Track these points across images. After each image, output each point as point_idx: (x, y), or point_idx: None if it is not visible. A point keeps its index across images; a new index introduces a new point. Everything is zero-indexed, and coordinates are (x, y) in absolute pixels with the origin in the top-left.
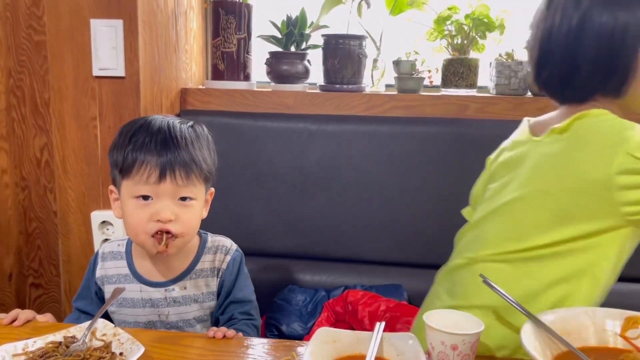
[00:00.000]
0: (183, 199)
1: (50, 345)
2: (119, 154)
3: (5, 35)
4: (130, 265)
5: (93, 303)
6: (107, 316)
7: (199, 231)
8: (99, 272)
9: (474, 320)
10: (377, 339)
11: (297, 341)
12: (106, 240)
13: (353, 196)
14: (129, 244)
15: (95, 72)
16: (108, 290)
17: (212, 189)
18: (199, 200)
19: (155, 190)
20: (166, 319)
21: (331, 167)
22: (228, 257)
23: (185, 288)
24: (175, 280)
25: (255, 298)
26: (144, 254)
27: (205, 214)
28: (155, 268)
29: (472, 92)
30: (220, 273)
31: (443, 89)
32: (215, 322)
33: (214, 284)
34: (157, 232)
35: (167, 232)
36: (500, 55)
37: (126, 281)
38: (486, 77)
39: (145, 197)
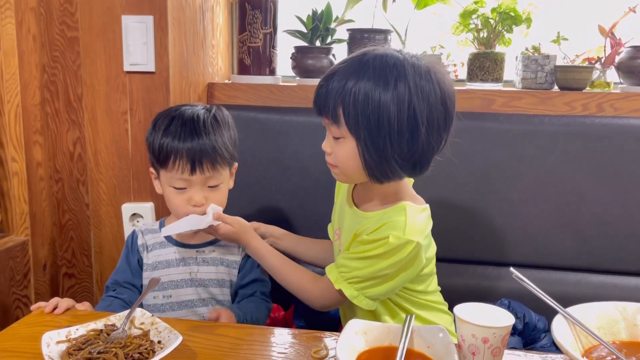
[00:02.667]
0: (214, 186)
1: (91, 332)
2: (155, 145)
3: (40, 31)
4: (167, 235)
5: (133, 275)
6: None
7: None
8: (140, 241)
9: (504, 313)
10: (408, 331)
11: (327, 332)
12: None
13: None
14: (161, 222)
15: (127, 67)
16: (148, 257)
17: (236, 164)
18: (225, 182)
19: (188, 181)
20: (196, 277)
21: None
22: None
23: (213, 252)
24: (206, 244)
25: None
26: None
27: (231, 184)
28: (189, 234)
29: (498, 86)
30: (244, 250)
31: (469, 83)
32: (235, 294)
33: (238, 255)
34: None
35: None
36: (526, 49)
37: (162, 247)
38: (512, 71)
39: (179, 188)
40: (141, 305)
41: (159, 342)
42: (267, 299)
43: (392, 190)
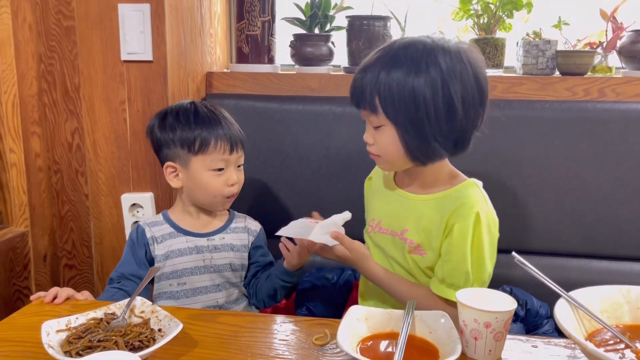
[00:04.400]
0: (239, 166)
1: (92, 321)
2: (187, 136)
3: (36, 20)
4: (174, 225)
5: (139, 267)
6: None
7: (230, 209)
8: (148, 234)
9: (506, 298)
10: (409, 317)
11: (329, 319)
12: (136, 222)
13: None
14: (164, 214)
15: (124, 56)
16: (158, 248)
17: None
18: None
19: (227, 161)
20: (210, 263)
21: (356, 149)
22: (258, 224)
23: (223, 238)
24: (215, 232)
25: None
26: (185, 214)
27: None
28: (200, 223)
29: (498, 72)
30: (255, 233)
31: None
32: (253, 276)
33: (246, 240)
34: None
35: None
36: (527, 35)
37: (171, 237)
38: (513, 57)
39: (220, 169)
40: (148, 296)
41: (160, 330)
42: None
43: (445, 170)
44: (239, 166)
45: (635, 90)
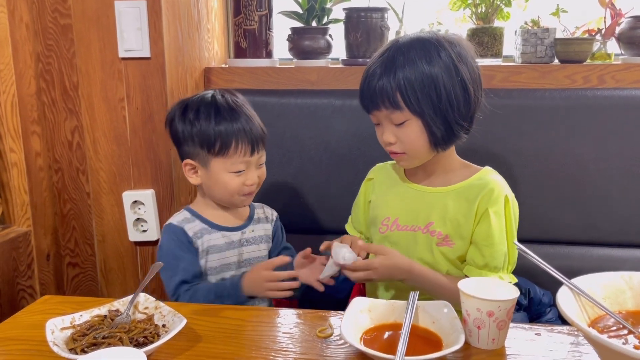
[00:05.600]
0: (259, 165)
1: (96, 318)
2: (207, 135)
3: (32, 19)
4: (206, 221)
5: (194, 260)
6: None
7: None
8: (190, 232)
9: (509, 286)
10: (412, 308)
11: (332, 311)
12: (138, 219)
13: None
14: (191, 210)
15: (121, 53)
16: (199, 243)
17: None
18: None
19: (247, 162)
20: (245, 257)
21: (357, 142)
22: (274, 212)
23: (253, 230)
24: (245, 225)
25: None
26: (212, 209)
27: None
28: (230, 217)
29: (497, 62)
30: (273, 222)
31: None
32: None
33: (269, 229)
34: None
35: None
36: (525, 23)
37: (207, 233)
38: (511, 46)
39: (239, 171)
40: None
41: (164, 325)
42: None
43: (456, 161)
44: (261, 164)
45: (635, 76)
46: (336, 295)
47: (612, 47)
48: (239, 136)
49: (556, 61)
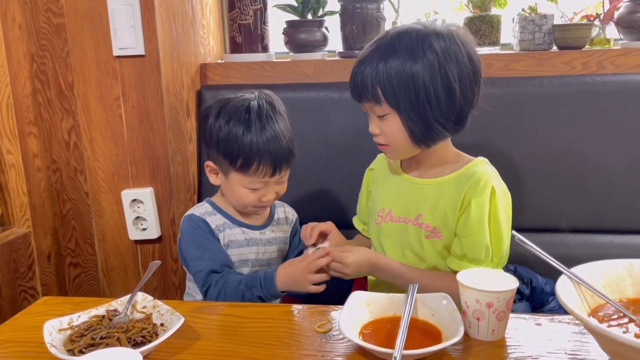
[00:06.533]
0: (280, 182)
1: (94, 318)
2: (232, 148)
3: (25, 20)
4: (227, 216)
5: (220, 248)
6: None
7: None
8: (212, 224)
9: (507, 277)
10: (411, 301)
11: (331, 306)
12: (138, 217)
13: None
14: (212, 203)
15: (116, 52)
16: (221, 238)
17: None
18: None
19: (267, 182)
20: (263, 257)
21: (355, 135)
22: (293, 212)
23: (273, 231)
24: (265, 225)
25: None
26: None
27: None
28: (249, 215)
29: (495, 50)
30: (292, 223)
31: None
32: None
33: (288, 231)
34: None
35: None
36: (523, 10)
37: (229, 227)
38: (509, 34)
39: (256, 189)
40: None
41: (162, 324)
42: None
43: (451, 152)
44: (281, 182)
45: (635, 61)
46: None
47: (611, 32)
48: (262, 157)
49: (554, 48)
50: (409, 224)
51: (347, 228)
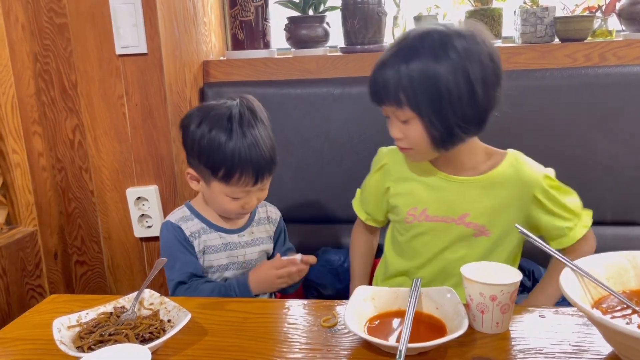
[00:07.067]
0: (261, 189)
1: (102, 315)
2: (213, 158)
3: (28, 20)
4: (205, 220)
5: (190, 259)
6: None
7: None
8: (187, 232)
9: (511, 270)
10: (415, 294)
11: (336, 300)
12: (143, 215)
13: None
14: (190, 208)
15: (118, 50)
16: (196, 244)
17: None
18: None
19: (248, 192)
20: (244, 259)
21: (358, 130)
22: (277, 211)
23: (252, 233)
24: (244, 228)
25: None
26: (212, 209)
27: None
28: (229, 219)
29: (497, 43)
30: (276, 222)
31: None
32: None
33: (271, 230)
34: None
35: None
36: (524, 3)
37: (205, 232)
38: (511, 27)
39: (238, 197)
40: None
41: (169, 320)
42: None
43: (481, 148)
44: (262, 189)
45: (637, 52)
46: (341, 279)
47: (613, 23)
48: (244, 167)
49: (556, 40)
50: (451, 224)
51: (349, 223)
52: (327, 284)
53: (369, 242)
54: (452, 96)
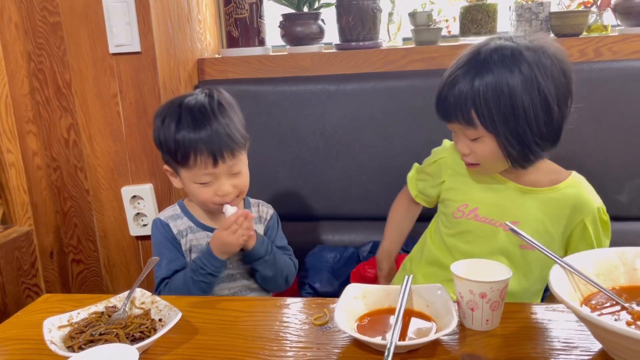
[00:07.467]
0: (235, 173)
1: (93, 315)
2: (169, 144)
3: (21, 18)
4: (193, 219)
5: (177, 256)
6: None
7: None
8: (174, 230)
9: (501, 267)
10: (405, 292)
11: (329, 298)
12: (138, 213)
13: (377, 154)
14: (181, 206)
15: (112, 49)
16: (182, 243)
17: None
18: (245, 166)
19: (213, 174)
20: (231, 258)
21: (353, 127)
22: (270, 211)
23: None
24: None
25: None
26: (206, 210)
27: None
28: (217, 218)
29: None
30: (266, 221)
31: (462, 38)
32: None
33: (260, 229)
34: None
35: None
36: None
37: (192, 232)
38: (506, 22)
39: (205, 182)
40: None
41: (160, 320)
42: (291, 257)
43: (546, 163)
44: (236, 172)
45: (632, 47)
46: (336, 276)
47: (609, 18)
48: (197, 148)
49: (552, 35)
50: (499, 229)
51: (345, 220)
52: (324, 281)
53: (410, 215)
54: (529, 116)
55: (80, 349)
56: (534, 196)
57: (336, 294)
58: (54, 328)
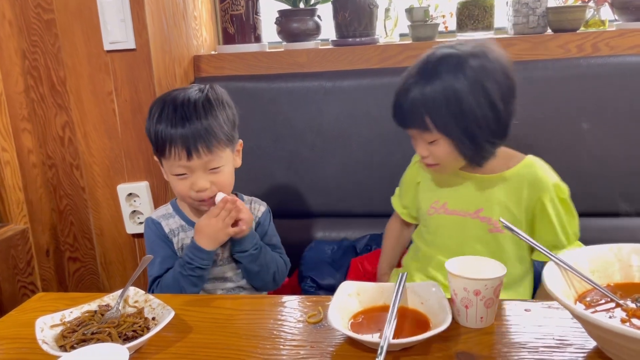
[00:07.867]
0: (213, 169)
1: (86, 314)
2: (151, 134)
3: (15, 16)
4: (184, 218)
5: (169, 254)
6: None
7: (233, 192)
8: (166, 229)
9: (495, 264)
10: (400, 289)
11: (323, 296)
12: (134, 211)
13: (373, 150)
14: (174, 205)
15: (107, 46)
16: (175, 242)
17: (240, 140)
18: (227, 164)
19: (187, 167)
20: (223, 256)
21: (349, 123)
22: (263, 208)
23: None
24: None
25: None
26: (192, 207)
27: (239, 162)
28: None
29: (489, 35)
30: (257, 219)
31: (459, 34)
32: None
33: (253, 227)
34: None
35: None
36: None
37: (183, 231)
38: (503, 18)
39: (180, 174)
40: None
41: (153, 318)
42: (282, 254)
43: (502, 151)
44: (215, 168)
45: (630, 42)
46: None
47: (606, 13)
48: (172, 140)
49: (549, 31)
50: (467, 218)
51: (341, 217)
52: (325, 274)
53: (403, 235)
54: (477, 116)
55: (73, 348)
56: (495, 182)
57: (338, 285)
58: (47, 327)
